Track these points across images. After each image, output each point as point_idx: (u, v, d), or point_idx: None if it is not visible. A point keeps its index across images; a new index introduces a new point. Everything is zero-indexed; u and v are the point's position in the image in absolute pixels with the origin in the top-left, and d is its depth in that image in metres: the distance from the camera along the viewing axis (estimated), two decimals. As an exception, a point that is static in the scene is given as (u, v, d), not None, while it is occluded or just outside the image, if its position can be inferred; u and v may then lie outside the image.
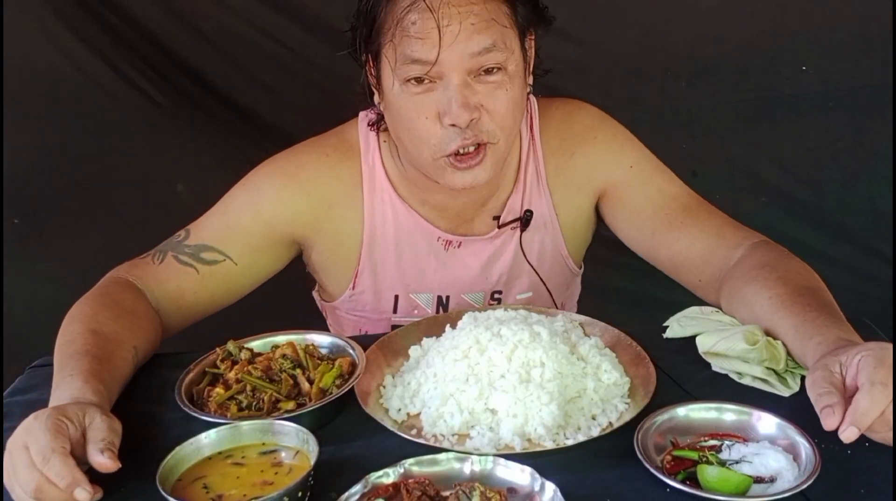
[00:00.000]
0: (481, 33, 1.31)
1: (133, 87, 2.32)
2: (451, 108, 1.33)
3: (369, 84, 1.47)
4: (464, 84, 1.33)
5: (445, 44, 1.29)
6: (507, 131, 1.40)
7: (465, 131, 1.35)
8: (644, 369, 1.26)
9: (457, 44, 1.30)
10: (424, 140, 1.38)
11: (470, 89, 1.34)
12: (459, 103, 1.32)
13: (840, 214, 2.69)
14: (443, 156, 1.38)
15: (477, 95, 1.35)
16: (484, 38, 1.32)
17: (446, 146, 1.36)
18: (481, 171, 1.40)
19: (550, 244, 1.64)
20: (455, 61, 1.31)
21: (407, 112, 1.37)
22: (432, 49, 1.30)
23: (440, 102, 1.34)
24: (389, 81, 1.37)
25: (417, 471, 1.03)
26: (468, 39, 1.31)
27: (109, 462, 1.03)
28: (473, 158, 1.38)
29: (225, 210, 1.55)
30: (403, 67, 1.33)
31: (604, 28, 2.44)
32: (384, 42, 1.36)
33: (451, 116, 1.33)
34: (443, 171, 1.41)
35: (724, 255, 1.44)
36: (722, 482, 1.00)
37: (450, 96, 1.33)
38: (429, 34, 1.30)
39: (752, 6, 2.45)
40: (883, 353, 1.04)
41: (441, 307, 1.64)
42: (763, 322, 1.29)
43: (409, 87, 1.35)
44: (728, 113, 2.57)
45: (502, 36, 1.34)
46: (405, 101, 1.36)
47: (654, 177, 1.58)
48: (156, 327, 1.43)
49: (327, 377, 1.23)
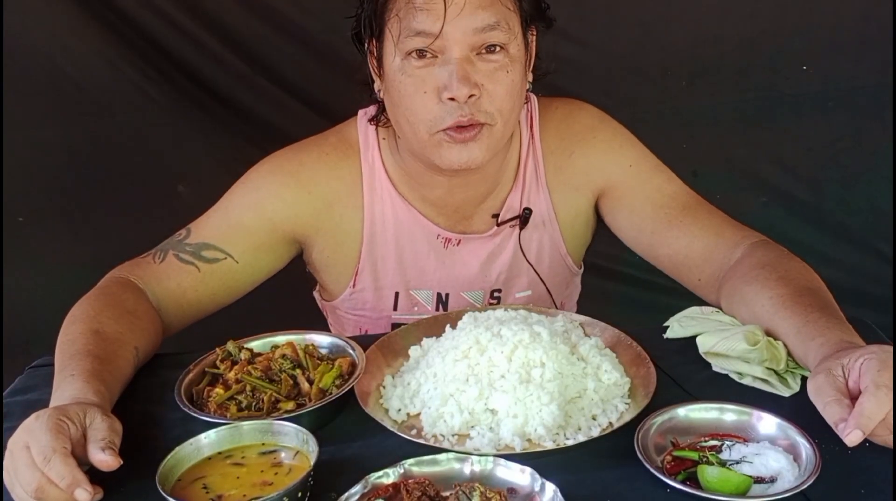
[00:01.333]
0: (485, 9, 1.34)
1: (134, 86, 2.32)
2: (451, 82, 1.34)
3: (370, 73, 1.48)
4: (465, 59, 1.35)
5: (450, 16, 1.31)
6: (504, 115, 1.40)
7: (463, 107, 1.36)
8: (644, 369, 1.26)
9: (461, 17, 1.32)
10: (421, 116, 1.39)
11: (471, 66, 1.35)
12: (459, 77, 1.34)
13: (840, 214, 2.70)
14: (439, 130, 1.38)
15: (478, 73, 1.36)
16: (488, 14, 1.34)
17: (443, 121, 1.37)
18: (476, 149, 1.40)
19: (549, 243, 1.64)
20: (458, 35, 1.33)
21: (406, 87, 1.38)
22: (436, 21, 1.32)
23: (440, 77, 1.36)
24: (391, 56, 1.39)
25: (417, 471, 1.03)
26: (472, 14, 1.33)
27: (111, 459, 1.03)
28: (469, 132, 1.38)
29: (226, 209, 1.55)
30: (406, 40, 1.35)
31: (604, 28, 2.45)
32: (389, 17, 1.37)
33: (450, 89, 1.34)
34: (438, 147, 1.41)
35: (723, 254, 1.44)
36: (722, 482, 1.00)
37: (450, 70, 1.34)
38: (433, 6, 1.32)
39: (752, 6, 2.45)
40: (885, 356, 1.04)
41: (441, 305, 1.64)
42: (764, 322, 1.29)
43: (411, 61, 1.36)
44: (728, 113, 2.57)
45: (505, 17, 1.36)
46: (406, 76, 1.38)
47: (653, 176, 1.58)
48: (157, 327, 1.43)
49: (327, 377, 1.23)
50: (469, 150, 1.40)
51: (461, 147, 1.39)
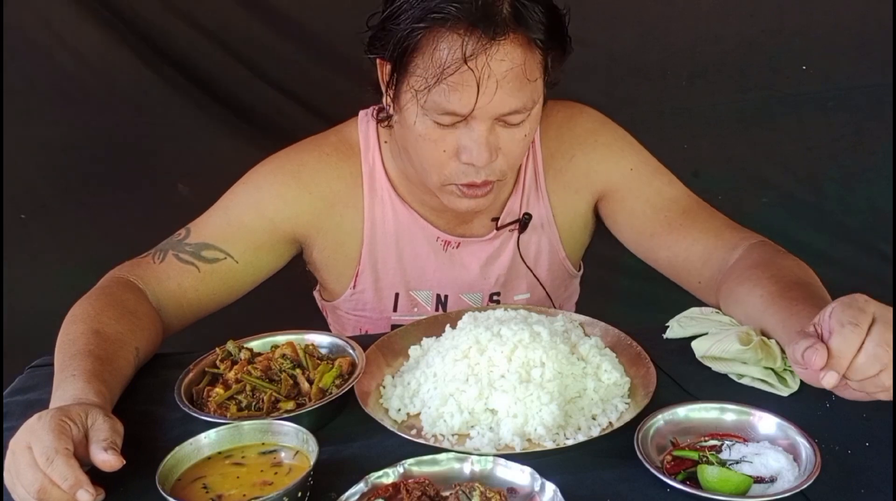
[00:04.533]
0: (514, 95, 1.31)
1: (134, 85, 2.32)
2: (471, 149, 1.34)
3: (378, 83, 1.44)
4: (489, 130, 1.35)
5: (481, 102, 1.30)
6: (515, 167, 1.44)
7: (480, 171, 1.37)
8: (644, 369, 1.26)
9: (492, 104, 1.30)
10: (436, 168, 1.39)
11: (493, 134, 1.36)
12: (482, 146, 1.34)
13: (840, 214, 2.70)
14: (451, 183, 1.40)
15: (498, 140, 1.37)
16: (515, 100, 1.32)
17: (458, 179, 1.39)
18: (485, 201, 1.44)
19: (548, 246, 1.64)
20: (486, 115, 1.32)
21: (425, 141, 1.37)
22: (468, 104, 1.30)
23: (461, 140, 1.35)
24: (411, 105, 1.35)
25: (417, 471, 1.03)
26: (501, 102, 1.31)
27: (113, 459, 1.03)
28: (481, 190, 1.41)
29: (226, 208, 1.55)
30: (432, 112, 1.33)
31: (604, 28, 2.45)
32: (412, 70, 1.32)
33: (469, 155, 1.35)
34: (448, 194, 1.43)
35: (722, 256, 1.45)
36: (722, 482, 1.00)
37: (474, 139, 1.34)
38: (465, 89, 1.29)
39: (752, 6, 2.46)
40: (850, 299, 1.04)
41: (441, 306, 1.64)
42: (756, 321, 1.29)
43: (435, 124, 1.35)
44: (728, 113, 2.57)
45: (532, 93, 1.34)
46: (426, 132, 1.36)
47: (653, 180, 1.58)
48: (157, 328, 1.43)
49: (327, 377, 1.23)
50: (478, 202, 1.43)
51: (470, 200, 1.42)
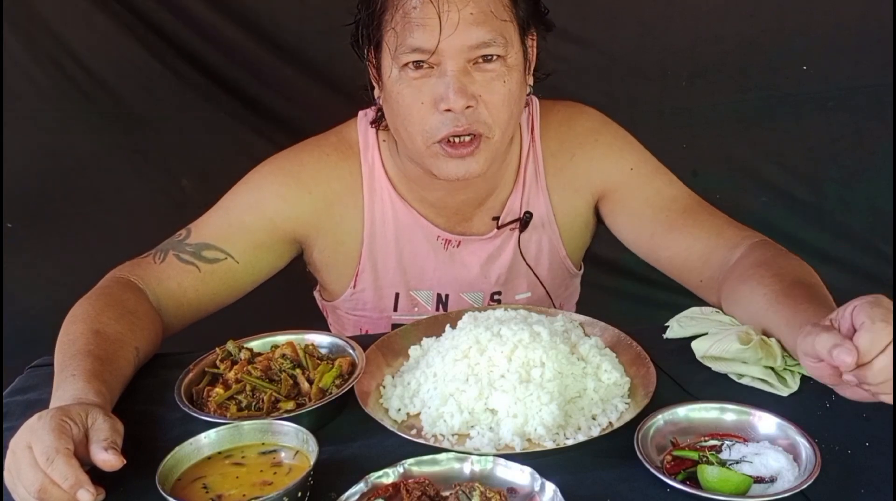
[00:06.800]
0: (479, 26, 1.33)
1: (136, 82, 2.32)
2: (447, 93, 1.34)
3: (370, 78, 1.48)
4: (462, 71, 1.35)
5: (445, 33, 1.31)
6: (502, 125, 1.41)
7: (459, 117, 1.36)
8: (644, 369, 1.26)
9: (455, 35, 1.32)
10: (418, 126, 1.39)
11: (468, 77, 1.36)
12: (455, 89, 1.34)
13: (840, 213, 2.69)
14: (435, 141, 1.39)
15: (474, 84, 1.36)
16: (483, 31, 1.34)
17: (438, 131, 1.37)
18: (474, 162, 1.41)
19: (548, 245, 1.64)
20: (453, 51, 1.33)
21: (403, 98, 1.38)
22: (432, 37, 1.32)
23: (437, 88, 1.36)
24: (388, 68, 1.39)
25: (417, 471, 1.03)
26: (466, 30, 1.32)
27: (114, 458, 1.03)
28: (467, 148, 1.39)
29: (226, 209, 1.55)
30: (403, 55, 1.35)
31: (604, 28, 2.45)
32: (385, 29, 1.37)
33: (446, 101, 1.35)
34: (435, 158, 1.41)
35: (722, 255, 1.45)
36: (722, 482, 1.00)
37: (447, 82, 1.34)
38: (428, 22, 1.32)
39: (752, 6, 2.45)
40: (875, 299, 1.01)
41: (441, 306, 1.64)
42: (759, 319, 1.29)
43: (407, 72, 1.37)
44: (728, 113, 2.57)
45: (501, 30, 1.36)
46: (403, 87, 1.38)
47: (653, 179, 1.58)
48: (157, 328, 1.43)
49: (327, 377, 1.23)
50: (467, 163, 1.40)
51: (459, 161, 1.40)
